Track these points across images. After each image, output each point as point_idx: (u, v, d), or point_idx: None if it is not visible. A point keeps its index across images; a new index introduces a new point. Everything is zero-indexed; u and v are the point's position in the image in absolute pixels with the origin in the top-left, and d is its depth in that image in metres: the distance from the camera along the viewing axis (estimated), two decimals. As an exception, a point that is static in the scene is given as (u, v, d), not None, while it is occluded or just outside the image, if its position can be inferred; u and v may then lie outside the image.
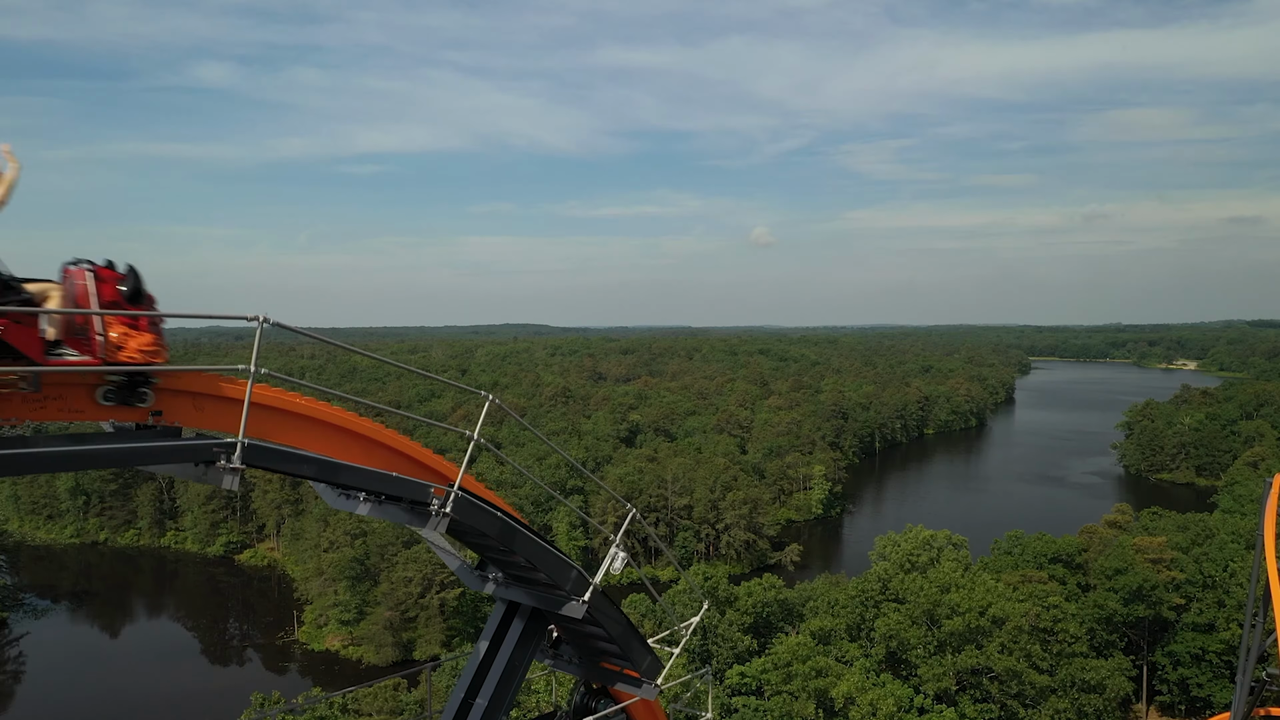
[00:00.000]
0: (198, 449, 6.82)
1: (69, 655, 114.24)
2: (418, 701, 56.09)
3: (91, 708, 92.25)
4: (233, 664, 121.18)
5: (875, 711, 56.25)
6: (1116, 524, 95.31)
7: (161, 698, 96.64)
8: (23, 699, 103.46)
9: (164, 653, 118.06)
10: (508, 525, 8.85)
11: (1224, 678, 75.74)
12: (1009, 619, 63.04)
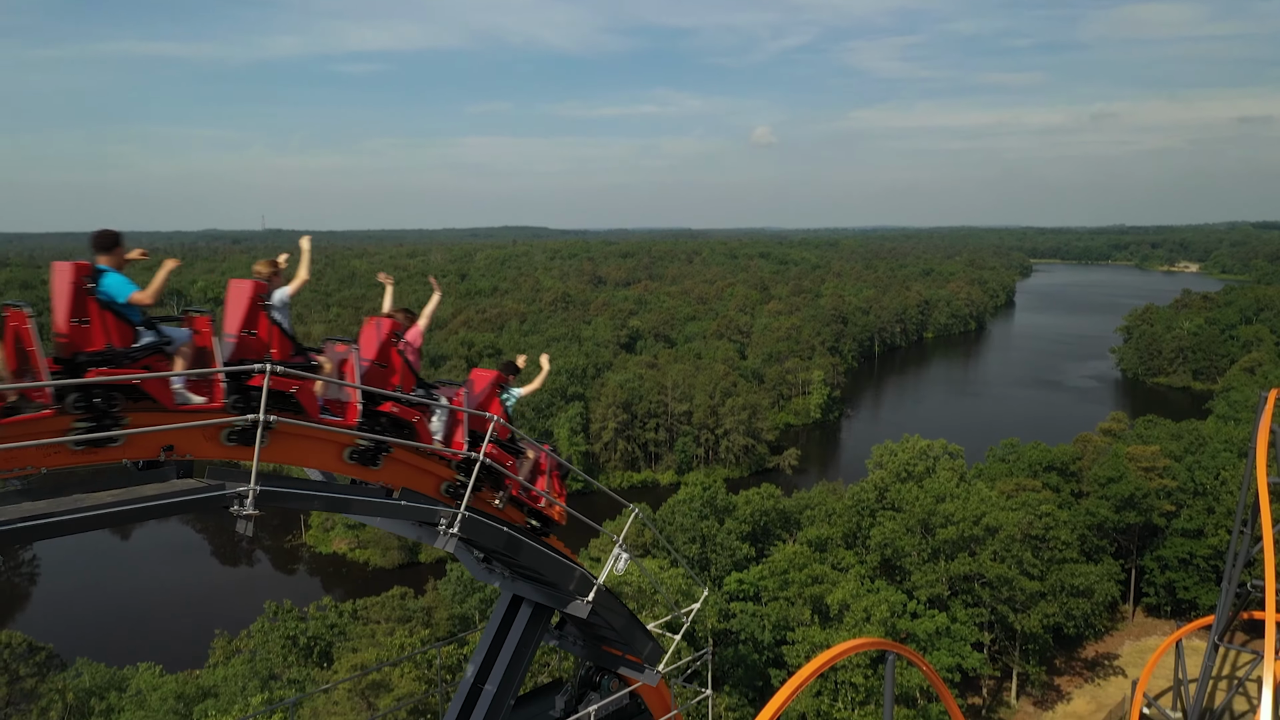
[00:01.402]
0: (209, 501, 7.03)
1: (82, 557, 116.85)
2: (424, 609, 57.64)
3: (109, 609, 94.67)
4: (242, 564, 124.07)
5: (869, 617, 57.88)
6: (1111, 432, 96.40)
7: (177, 598, 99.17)
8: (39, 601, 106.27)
9: (175, 553, 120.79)
10: (513, 539, 9.07)
11: (1210, 581, 77.71)
12: (1002, 528, 64.37)
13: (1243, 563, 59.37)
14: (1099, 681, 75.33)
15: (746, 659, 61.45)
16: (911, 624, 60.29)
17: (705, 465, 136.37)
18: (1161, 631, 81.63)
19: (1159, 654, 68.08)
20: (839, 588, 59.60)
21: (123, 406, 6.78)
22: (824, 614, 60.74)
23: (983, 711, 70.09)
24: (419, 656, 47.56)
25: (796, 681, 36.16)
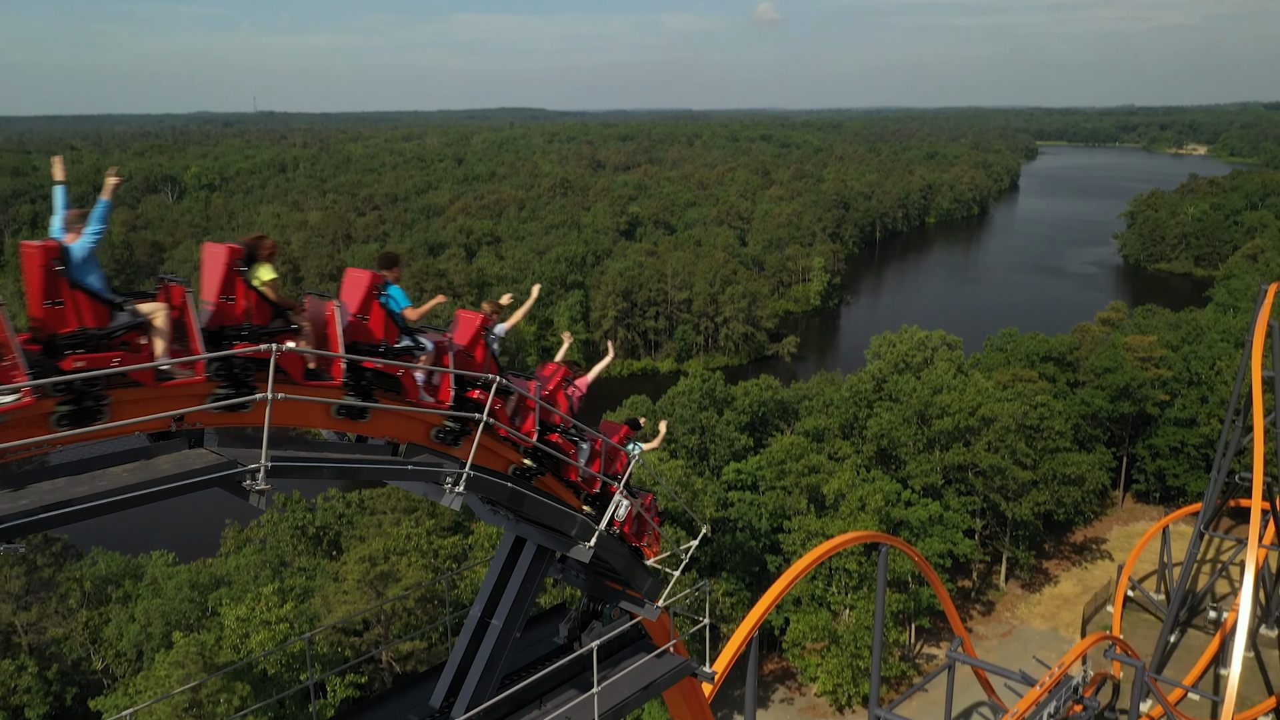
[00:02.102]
0: (224, 479, 7.15)
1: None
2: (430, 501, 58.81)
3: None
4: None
5: (864, 506, 59.18)
6: (1109, 321, 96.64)
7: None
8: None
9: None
10: (516, 493, 9.32)
11: (1200, 469, 79.21)
12: (997, 419, 65.19)
13: (1233, 452, 60.48)
14: (1086, 565, 77.55)
15: (744, 546, 63.06)
16: (905, 512, 61.62)
17: (704, 353, 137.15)
18: (1150, 517, 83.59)
19: (1146, 539, 70.01)
20: (835, 477, 60.71)
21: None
22: (820, 503, 62.06)
23: (972, 594, 72.37)
24: (424, 545, 48.85)
25: (793, 573, 37.35)
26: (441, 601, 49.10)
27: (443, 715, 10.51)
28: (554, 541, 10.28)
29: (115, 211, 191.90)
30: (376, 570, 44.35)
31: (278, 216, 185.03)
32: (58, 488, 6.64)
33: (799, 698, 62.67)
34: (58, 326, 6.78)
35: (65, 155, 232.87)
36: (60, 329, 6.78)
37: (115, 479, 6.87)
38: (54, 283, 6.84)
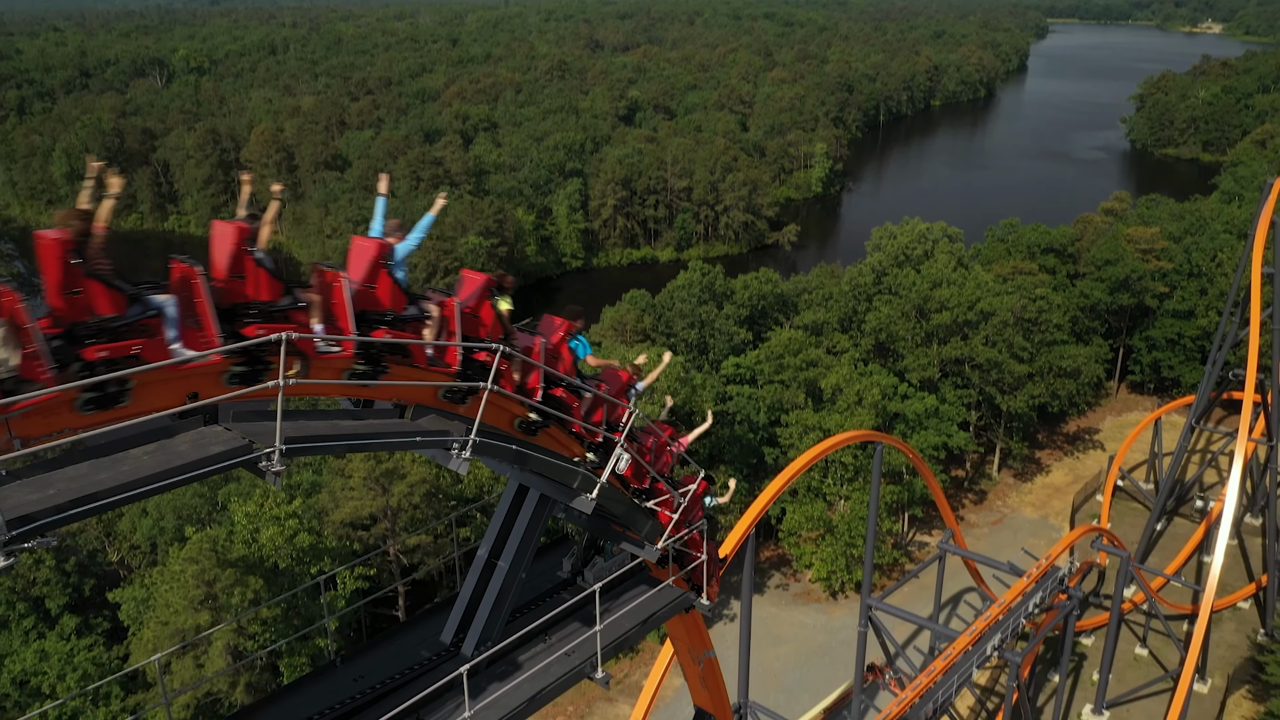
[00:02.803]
0: (241, 463, 7.36)
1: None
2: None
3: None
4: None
5: (861, 400, 59.93)
6: (1112, 212, 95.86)
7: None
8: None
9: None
10: (520, 452, 9.56)
11: (1195, 361, 79.84)
12: (995, 313, 65.38)
13: (1229, 345, 60.90)
14: (1078, 455, 78.97)
15: (742, 439, 64.06)
16: (902, 405, 62.41)
17: (704, 242, 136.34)
18: (1143, 408, 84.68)
19: (1138, 430, 71.05)
20: (833, 372, 61.27)
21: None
22: (817, 397, 62.79)
23: (965, 483, 73.92)
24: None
25: (790, 471, 38.15)
26: (446, 495, 50.22)
27: (453, 649, 11.06)
28: (557, 492, 10.63)
29: (104, 97, 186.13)
30: (382, 468, 45.21)
31: (269, 102, 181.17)
32: (82, 474, 6.83)
33: (794, 584, 64.69)
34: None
35: (49, 37, 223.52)
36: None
37: (138, 464, 7.07)
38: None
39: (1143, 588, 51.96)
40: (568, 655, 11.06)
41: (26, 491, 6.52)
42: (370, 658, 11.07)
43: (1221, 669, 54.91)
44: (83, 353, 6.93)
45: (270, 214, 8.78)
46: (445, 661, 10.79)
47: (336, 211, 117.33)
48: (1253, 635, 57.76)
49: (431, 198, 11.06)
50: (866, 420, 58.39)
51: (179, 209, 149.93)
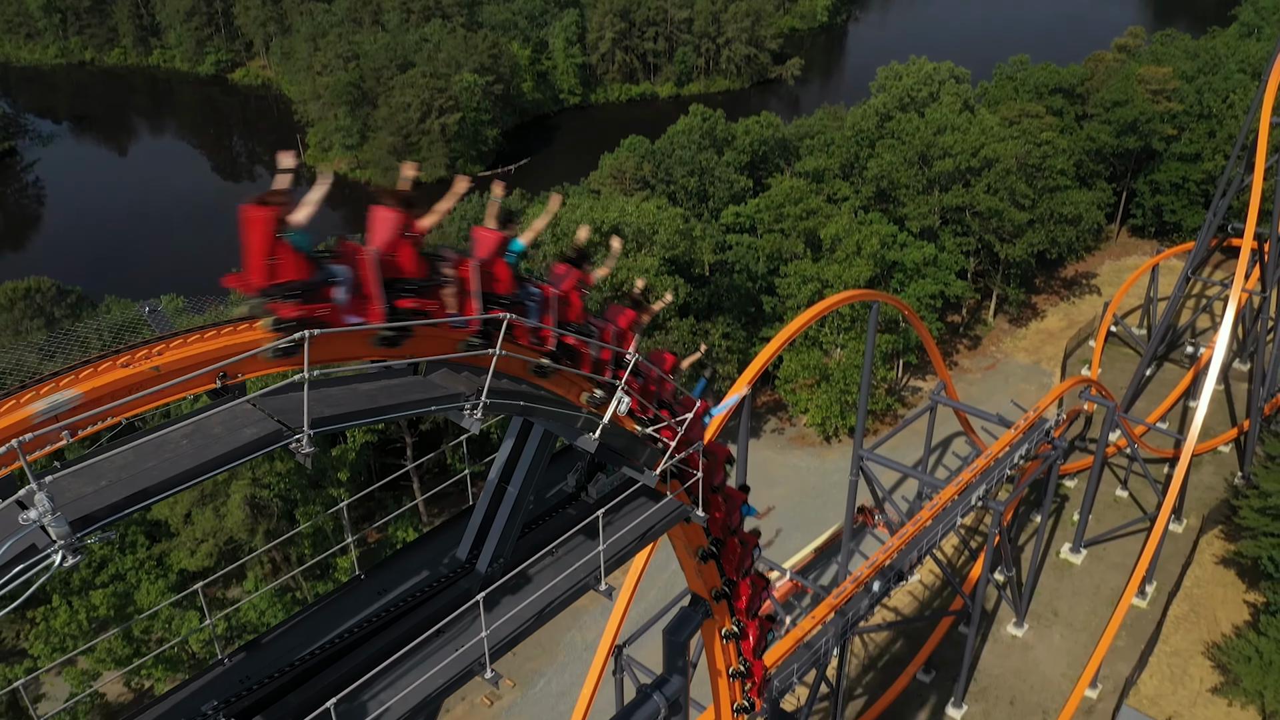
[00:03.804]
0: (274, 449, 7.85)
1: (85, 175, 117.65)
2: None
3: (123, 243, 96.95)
4: (244, 180, 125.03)
5: (860, 250, 60.01)
6: (1126, 48, 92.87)
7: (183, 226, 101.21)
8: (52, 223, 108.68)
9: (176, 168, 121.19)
10: (529, 407, 10.10)
11: (1198, 206, 79.37)
12: (999, 160, 64.59)
13: (1233, 192, 60.50)
14: (1074, 300, 79.61)
15: (740, 288, 64.51)
16: (900, 254, 62.54)
17: (705, 76, 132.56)
18: (1143, 252, 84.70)
19: (1135, 276, 71.38)
20: (832, 222, 61.07)
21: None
22: (816, 247, 62.83)
23: (960, 328, 74.89)
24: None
25: (787, 333, 38.82)
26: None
27: (469, 565, 11.91)
28: (561, 431, 11.22)
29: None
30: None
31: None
32: (129, 463, 7.33)
33: (789, 428, 66.58)
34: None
35: None
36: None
37: (178, 451, 7.56)
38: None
39: (1126, 434, 53.57)
40: (573, 568, 11.93)
41: (81, 483, 7.03)
42: (392, 570, 11.94)
43: (1197, 510, 57.31)
44: (397, 303, 8.87)
45: (446, 204, 10.09)
46: (461, 578, 11.68)
47: (325, 47, 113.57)
48: (1230, 478, 59.94)
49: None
50: (864, 272, 58.68)
51: (162, 42, 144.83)
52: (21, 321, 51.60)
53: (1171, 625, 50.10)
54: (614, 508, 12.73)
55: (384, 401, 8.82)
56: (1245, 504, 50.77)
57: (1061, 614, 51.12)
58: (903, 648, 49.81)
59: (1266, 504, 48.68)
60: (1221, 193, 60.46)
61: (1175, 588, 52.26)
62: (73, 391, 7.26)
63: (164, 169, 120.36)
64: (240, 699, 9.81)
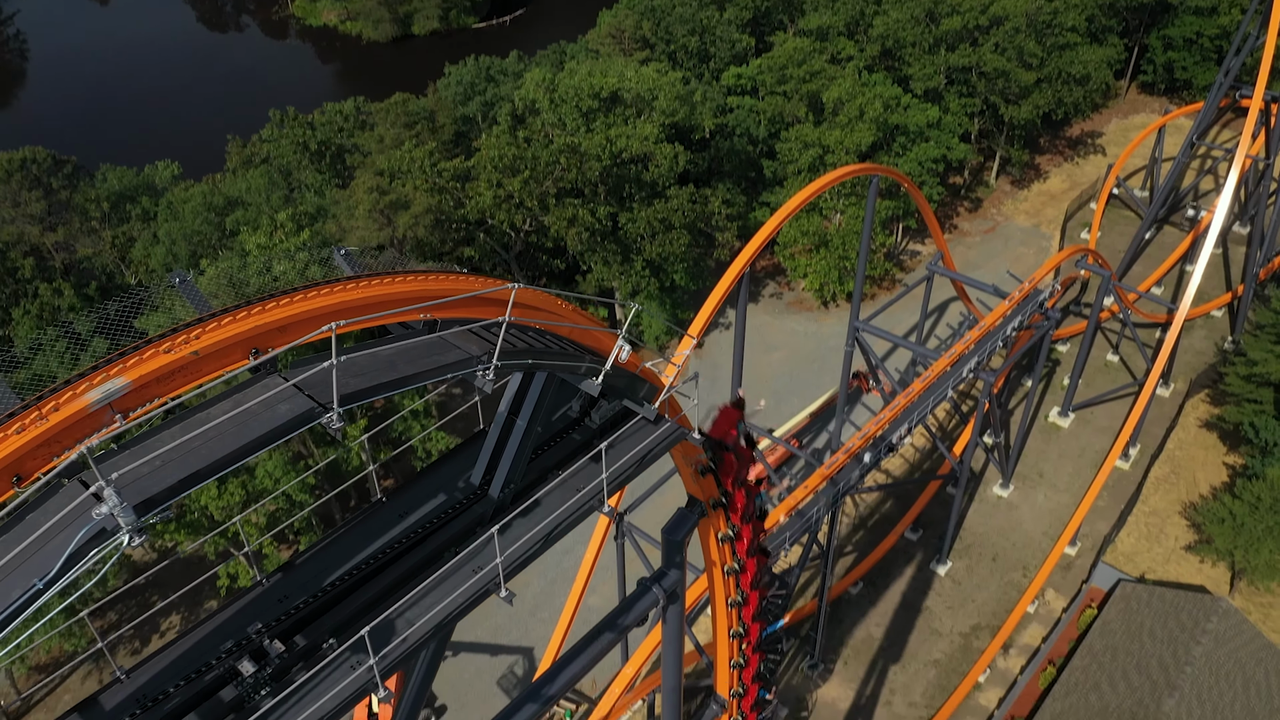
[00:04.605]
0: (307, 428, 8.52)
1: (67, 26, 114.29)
2: (427, 113, 58.62)
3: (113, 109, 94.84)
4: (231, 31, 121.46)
5: (862, 114, 59.11)
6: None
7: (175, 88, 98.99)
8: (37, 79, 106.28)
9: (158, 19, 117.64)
10: (536, 364, 10.82)
11: (1210, 62, 77.63)
12: (1009, 18, 62.85)
13: (1248, 49, 59.15)
14: (1078, 161, 78.81)
15: (741, 152, 63.96)
16: (904, 117, 61.62)
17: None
18: (1151, 110, 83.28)
19: (1142, 136, 70.61)
20: (835, 84, 59.91)
21: None
22: (819, 110, 61.89)
23: (961, 190, 74.48)
24: (429, 169, 49.87)
25: (785, 212, 38.98)
26: (449, 220, 51.18)
27: (482, 491, 12.80)
28: (567, 377, 11.94)
29: None
30: (386, 200, 45.86)
31: None
32: (177, 442, 8.03)
33: (787, 293, 67.22)
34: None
35: None
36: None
37: (222, 430, 8.22)
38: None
39: (1119, 301, 54.21)
40: (578, 491, 12.83)
41: (135, 463, 7.78)
42: (412, 493, 12.87)
43: (1185, 374, 58.58)
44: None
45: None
46: (476, 503, 12.60)
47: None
48: (1220, 342, 61.01)
49: None
50: (866, 137, 58.01)
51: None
52: (20, 193, 51.48)
53: (1152, 486, 52.06)
54: (616, 429, 13.61)
55: (404, 371, 9.46)
56: (1232, 371, 51.96)
57: (1046, 475, 53.06)
58: (892, 507, 51.95)
59: (1252, 371, 49.85)
60: (1235, 49, 59.09)
61: (1158, 450, 54.00)
62: (122, 379, 7.91)
63: (148, 21, 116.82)
64: (280, 622, 10.88)
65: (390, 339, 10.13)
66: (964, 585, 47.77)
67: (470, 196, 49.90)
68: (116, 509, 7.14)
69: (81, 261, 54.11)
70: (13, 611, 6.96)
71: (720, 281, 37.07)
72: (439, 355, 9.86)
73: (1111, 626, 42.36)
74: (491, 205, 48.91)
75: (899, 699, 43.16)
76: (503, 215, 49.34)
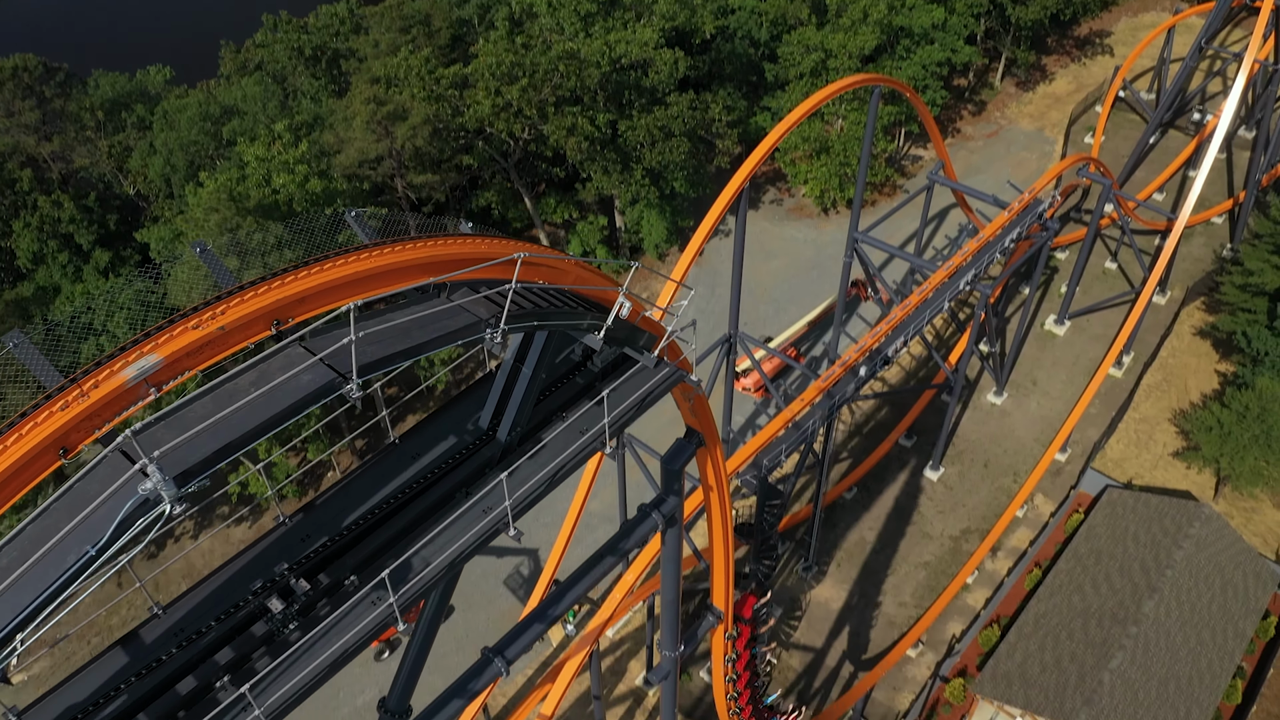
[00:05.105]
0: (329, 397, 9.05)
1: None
2: (422, 16, 57.42)
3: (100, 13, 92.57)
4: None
5: (866, 16, 57.95)
6: None
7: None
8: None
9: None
10: (542, 324, 11.29)
11: (1224, -43, 75.50)
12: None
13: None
14: (1085, 61, 77.48)
15: (742, 56, 62.93)
16: (908, 18, 60.38)
17: None
18: (1162, 8, 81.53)
19: (1153, 36, 69.13)
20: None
21: None
22: (822, 11, 60.69)
23: (965, 93, 73.50)
24: (426, 76, 49.21)
25: (786, 124, 38.74)
26: (447, 129, 50.77)
27: (490, 434, 13.41)
28: (571, 332, 12.43)
29: None
30: (383, 111, 45.45)
31: None
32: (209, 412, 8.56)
33: (787, 199, 67.02)
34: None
35: None
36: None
37: (251, 400, 8.76)
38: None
39: (1118, 208, 54.11)
40: (582, 434, 13.44)
41: (172, 434, 8.36)
42: (424, 435, 13.50)
43: (1182, 282, 58.90)
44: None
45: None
46: (484, 446, 13.24)
47: None
48: (1219, 250, 61.13)
49: None
50: (869, 40, 57.05)
51: None
52: (13, 102, 50.95)
53: (1144, 393, 52.94)
54: (615, 376, 14.18)
55: (418, 339, 9.97)
56: (1228, 280, 52.28)
57: (1040, 383, 53.92)
58: (887, 414, 52.95)
59: (1248, 281, 50.20)
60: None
61: (1151, 358, 54.70)
62: (155, 356, 8.43)
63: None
64: (305, 561, 11.64)
65: (403, 302, 10.61)
66: (955, 490, 49.08)
67: (468, 105, 49.39)
68: (159, 482, 7.75)
69: (79, 172, 53.87)
70: (70, 576, 7.65)
71: (719, 199, 37.05)
72: (449, 321, 10.36)
73: (1097, 531, 43.77)
74: (490, 114, 48.45)
75: (889, 599, 44.87)
76: (501, 124, 48.94)
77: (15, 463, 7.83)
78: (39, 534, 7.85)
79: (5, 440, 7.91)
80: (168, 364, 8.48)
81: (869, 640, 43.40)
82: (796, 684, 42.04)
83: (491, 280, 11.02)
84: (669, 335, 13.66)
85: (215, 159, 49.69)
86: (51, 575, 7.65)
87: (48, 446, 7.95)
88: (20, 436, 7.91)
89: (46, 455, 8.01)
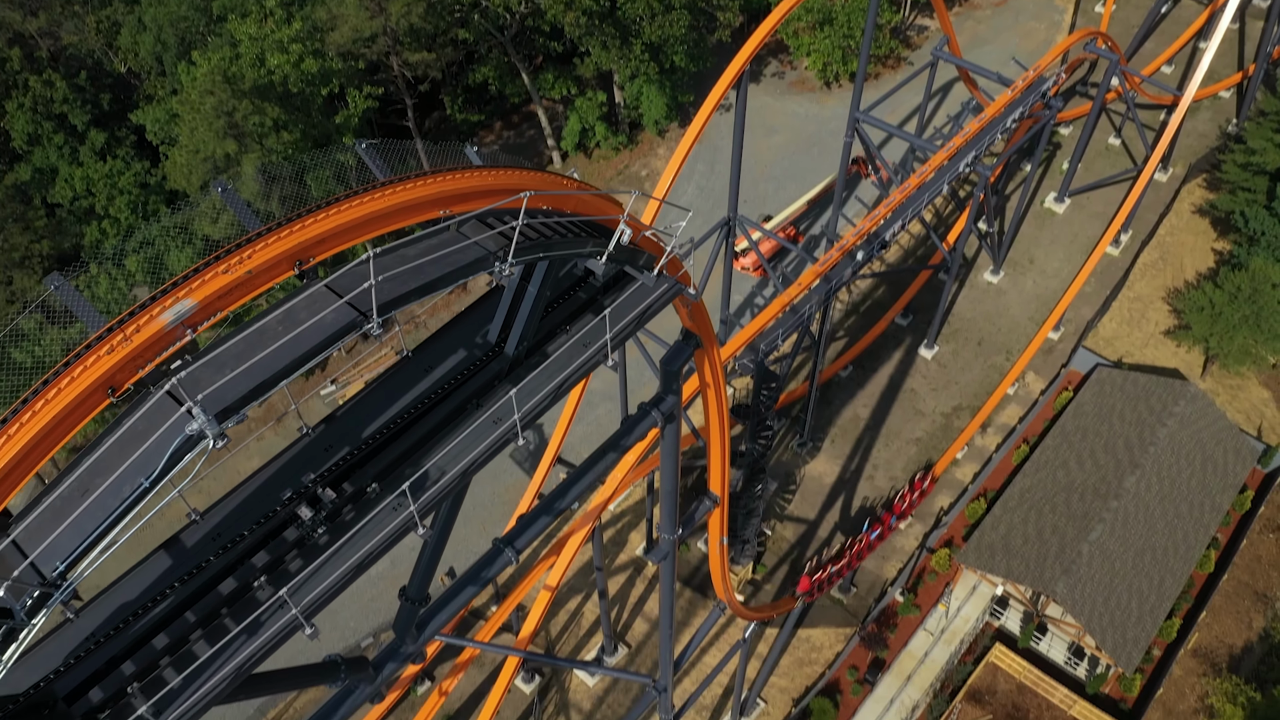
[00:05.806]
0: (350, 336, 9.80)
1: None
2: None
3: None
4: None
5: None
6: None
7: None
8: None
9: None
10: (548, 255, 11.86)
11: None
12: None
13: None
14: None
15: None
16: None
17: None
18: None
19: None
20: None
21: None
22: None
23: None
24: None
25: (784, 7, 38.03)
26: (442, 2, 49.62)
27: (499, 348, 14.07)
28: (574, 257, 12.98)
29: None
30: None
31: None
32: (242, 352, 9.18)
33: (789, 72, 65.88)
34: None
35: None
36: None
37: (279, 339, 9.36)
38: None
39: (1123, 83, 53.26)
40: (586, 348, 14.12)
41: (211, 372, 9.06)
42: (436, 347, 14.21)
43: (1185, 159, 58.52)
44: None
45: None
46: (493, 360, 13.95)
47: None
48: (1224, 125, 60.42)
49: None
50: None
51: None
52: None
53: (1139, 272, 53.38)
54: (617, 290, 14.83)
55: (432, 275, 10.57)
56: (1229, 159, 52.00)
57: (1037, 261, 54.33)
58: (884, 293, 53.57)
59: (1250, 160, 50.01)
60: None
61: (1149, 236, 54.88)
62: (190, 301, 9.08)
63: None
64: (330, 472, 12.55)
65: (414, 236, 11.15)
66: (949, 368, 50.16)
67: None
68: (204, 421, 8.52)
69: (67, 49, 52.91)
70: (128, 505, 8.51)
71: (721, 77, 36.70)
72: (460, 256, 10.93)
73: (1085, 409, 45.02)
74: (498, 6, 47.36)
75: (880, 473, 46.51)
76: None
77: (71, 402, 8.60)
78: (97, 468, 8.66)
79: (59, 383, 8.65)
80: (202, 307, 9.13)
81: (861, 512, 45.22)
82: (790, 553, 44.04)
83: (499, 211, 11.60)
84: (668, 253, 14.20)
85: (206, 35, 48.76)
86: (111, 504, 8.50)
87: (98, 386, 8.69)
88: (73, 379, 8.65)
89: (97, 394, 8.77)
